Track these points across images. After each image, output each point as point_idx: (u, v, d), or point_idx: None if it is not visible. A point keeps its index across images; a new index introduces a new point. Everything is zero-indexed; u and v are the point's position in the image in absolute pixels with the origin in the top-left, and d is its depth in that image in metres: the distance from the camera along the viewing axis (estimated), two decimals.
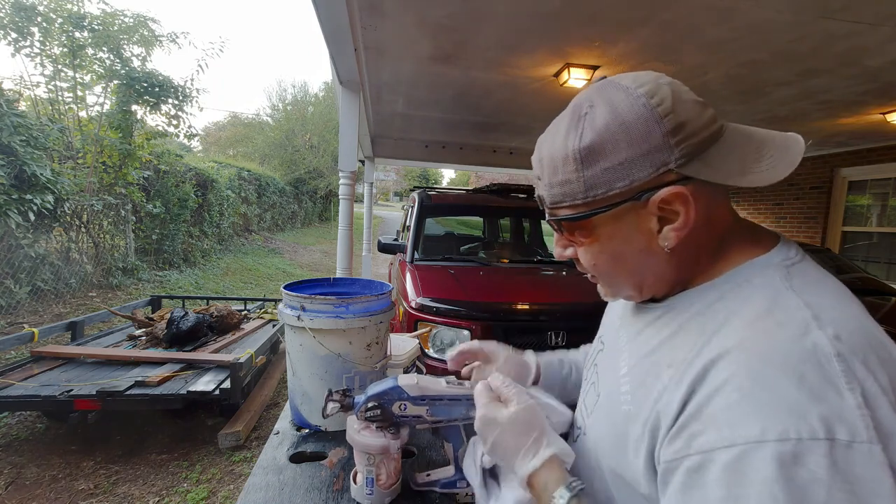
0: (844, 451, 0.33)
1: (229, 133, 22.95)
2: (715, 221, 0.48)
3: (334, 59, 2.56)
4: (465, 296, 2.73)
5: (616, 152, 0.45)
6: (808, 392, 0.35)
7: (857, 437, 0.33)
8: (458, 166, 7.38)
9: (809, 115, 4.19)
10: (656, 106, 0.44)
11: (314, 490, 0.85)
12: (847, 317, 0.40)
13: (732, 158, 0.45)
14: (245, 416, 2.85)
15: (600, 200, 0.47)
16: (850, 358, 0.36)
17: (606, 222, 0.49)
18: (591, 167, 0.46)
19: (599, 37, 2.66)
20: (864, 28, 2.40)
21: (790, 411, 0.34)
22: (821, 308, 0.40)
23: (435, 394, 0.75)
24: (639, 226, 0.48)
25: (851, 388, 0.35)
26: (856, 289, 2.67)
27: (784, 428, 0.34)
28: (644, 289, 0.52)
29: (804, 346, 0.37)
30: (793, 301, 0.41)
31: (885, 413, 0.34)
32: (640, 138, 0.44)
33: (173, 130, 6.47)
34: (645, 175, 0.45)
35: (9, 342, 2.76)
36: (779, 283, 0.44)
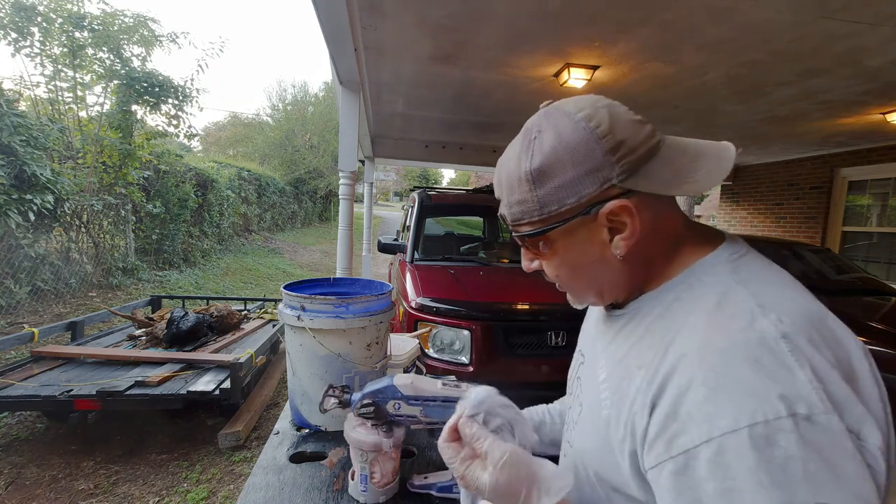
0: (806, 425, 0.36)
1: (229, 133, 22.95)
2: (663, 228, 0.52)
3: (334, 59, 2.57)
4: (465, 296, 2.73)
5: (563, 172, 0.49)
6: (765, 375, 0.38)
7: (815, 409, 0.36)
8: (458, 166, 7.38)
9: (809, 115, 4.19)
10: (595, 128, 0.49)
11: (314, 490, 0.85)
12: (787, 300, 0.44)
13: (670, 170, 0.49)
14: (245, 416, 2.85)
15: (554, 216, 0.52)
16: (795, 337, 0.39)
17: (562, 236, 0.53)
18: (542, 186, 0.51)
19: (599, 37, 2.66)
20: (864, 28, 2.40)
21: (754, 396, 0.37)
22: (764, 295, 0.44)
23: (429, 395, 0.75)
24: (592, 237, 0.52)
25: (801, 364, 0.38)
26: (856, 289, 2.70)
27: (752, 412, 0.37)
28: (605, 295, 0.57)
29: (754, 334, 0.40)
30: (740, 293, 0.45)
31: (835, 385, 0.38)
32: (583, 158, 0.49)
33: (173, 130, 6.47)
34: (592, 191, 0.49)
35: (9, 342, 2.76)
36: (727, 277, 0.48)
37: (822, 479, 0.35)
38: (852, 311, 3.46)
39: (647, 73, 3.24)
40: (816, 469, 0.35)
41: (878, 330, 3.10)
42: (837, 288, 4.05)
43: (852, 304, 3.64)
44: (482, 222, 5.11)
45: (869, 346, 3.19)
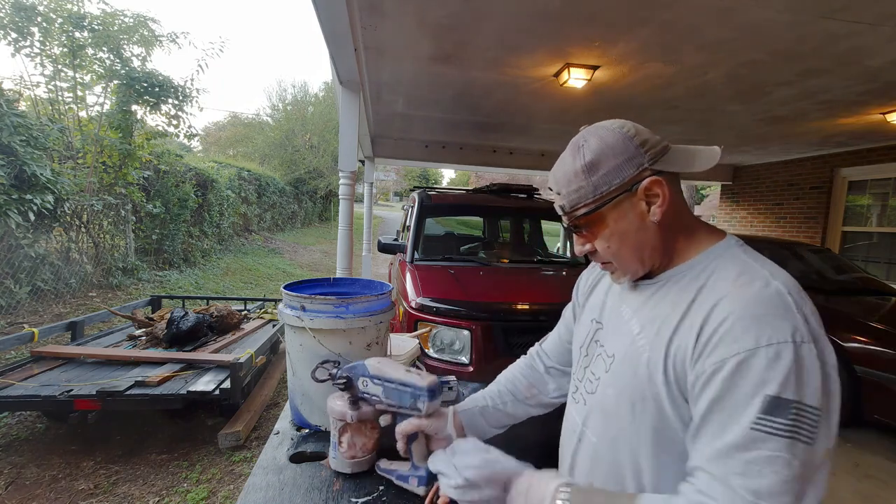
0: (800, 347, 0.54)
1: (229, 133, 22.94)
2: (682, 206, 0.71)
3: (334, 59, 2.57)
4: (465, 296, 2.73)
5: (608, 161, 0.68)
6: (778, 315, 0.56)
7: (804, 339, 0.55)
8: (458, 166, 7.38)
9: (809, 115, 4.19)
10: (627, 132, 0.69)
11: (314, 490, 0.85)
12: (783, 274, 0.62)
13: (680, 158, 0.70)
14: (245, 416, 2.85)
15: (605, 195, 0.69)
16: (795, 295, 0.59)
17: (611, 211, 0.70)
18: (595, 174, 0.69)
19: (599, 37, 2.66)
20: (864, 28, 2.40)
21: (770, 326, 0.56)
22: (770, 270, 0.63)
23: (389, 377, 0.83)
24: (634, 209, 0.69)
25: (799, 310, 0.57)
26: (856, 289, 2.69)
27: (768, 337, 0.55)
28: (645, 260, 0.71)
29: (770, 291, 0.59)
30: (755, 266, 0.64)
31: (814, 325, 0.57)
32: (622, 151, 0.68)
33: (173, 130, 6.46)
34: (631, 172, 0.68)
35: (9, 342, 2.76)
36: (742, 256, 0.67)
37: (794, 381, 0.53)
38: (852, 310, 3.46)
39: (647, 73, 3.24)
40: (798, 375, 0.53)
41: (879, 330, 3.11)
42: (837, 288, 4.05)
43: (852, 304, 3.64)
44: (482, 222, 5.11)
45: (869, 346, 3.19)
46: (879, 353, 2.99)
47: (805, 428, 0.52)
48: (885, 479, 2.66)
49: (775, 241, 5.19)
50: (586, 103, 4.10)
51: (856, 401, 3.10)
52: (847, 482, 2.62)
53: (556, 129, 5.30)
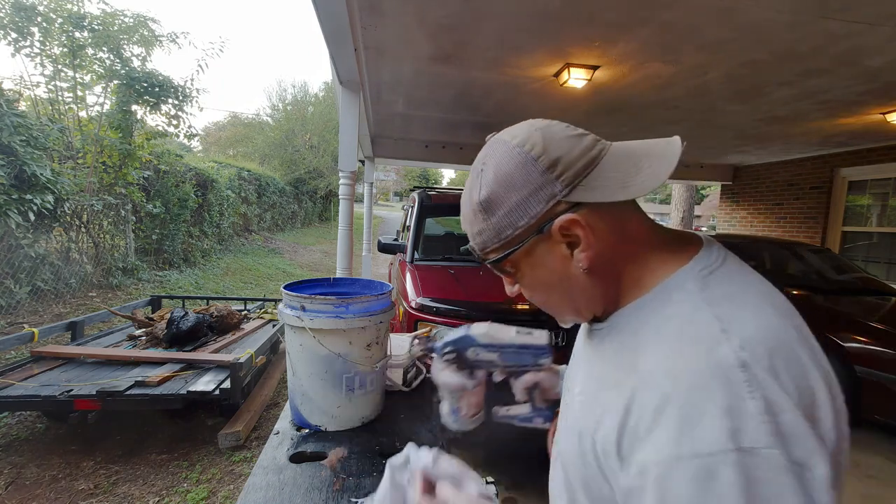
0: (750, 458, 0.36)
1: (229, 133, 22.94)
2: (624, 237, 0.52)
3: (334, 59, 2.57)
4: (465, 296, 2.73)
5: (508, 197, 0.51)
6: (716, 406, 0.38)
7: (759, 443, 0.36)
8: (458, 166, 7.37)
9: (809, 115, 4.19)
10: (529, 151, 0.50)
11: (314, 490, 0.85)
12: (755, 324, 0.42)
13: (613, 176, 0.49)
14: (245, 416, 2.85)
15: (512, 240, 0.53)
16: (754, 366, 0.39)
17: (524, 257, 0.54)
18: (494, 214, 0.52)
19: (599, 37, 2.66)
20: (864, 28, 2.40)
21: (701, 426, 0.38)
22: (730, 320, 0.43)
23: (503, 342, 0.84)
24: (552, 254, 0.53)
25: (753, 396, 0.38)
26: (856, 289, 2.70)
27: (698, 443, 0.38)
28: (581, 311, 0.57)
29: (712, 362, 0.40)
30: (705, 316, 0.44)
31: (787, 417, 0.37)
32: (523, 181, 0.50)
33: (173, 130, 6.46)
34: (540, 210, 0.50)
35: (9, 342, 2.76)
36: (696, 295, 0.46)
37: None
38: (852, 310, 3.46)
39: (647, 73, 3.24)
40: (740, 498, 0.36)
41: (879, 330, 3.11)
42: (837, 288, 4.05)
43: (852, 304, 3.64)
44: None
45: (869, 346, 3.19)
46: (879, 353, 2.99)
47: None
48: (885, 479, 2.66)
49: (775, 241, 5.19)
50: (586, 103, 4.10)
51: (856, 401, 3.10)
52: (847, 482, 2.61)
53: None
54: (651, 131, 5.06)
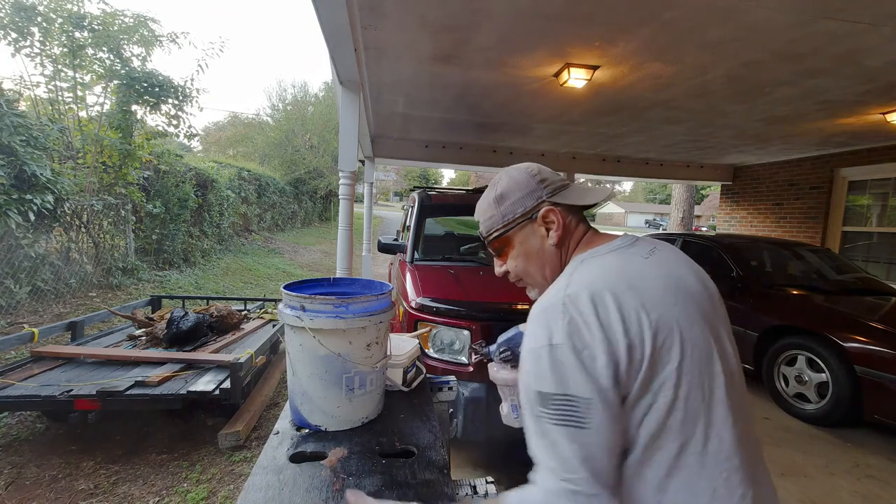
0: (556, 349, 0.64)
1: (229, 133, 22.94)
2: (574, 230, 0.84)
3: (334, 59, 2.56)
4: (464, 296, 2.73)
5: (513, 194, 0.85)
6: (544, 321, 0.68)
7: (562, 340, 0.64)
8: (458, 166, 7.38)
9: (809, 115, 4.19)
10: (531, 171, 0.86)
11: (314, 490, 0.85)
12: (584, 281, 0.70)
13: (574, 193, 0.85)
14: (245, 416, 2.85)
15: (511, 222, 0.86)
16: (568, 304, 0.67)
17: (517, 234, 0.86)
18: (502, 204, 0.86)
19: (599, 37, 2.66)
20: (864, 28, 2.40)
21: (534, 333, 0.68)
22: (573, 280, 0.71)
23: None
24: (535, 233, 0.85)
25: (564, 316, 0.66)
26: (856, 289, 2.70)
27: (532, 342, 0.68)
28: (547, 277, 0.84)
29: (551, 301, 0.69)
30: (563, 280, 0.73)
31: (582, 331, 0.64)
32: (524, 185, 0.85)
33: (173, 130, 6.46)
34: (531, 203, 0.84)
35: (9, 342, 2.76)
36: (568, 270, 0.76)
37: (553, 377, 0.64)
38: (852, 310, 3.46)
39: (647, 73, 3.24)
40: (554, 370, 0.64)
41: (879, 330, 3.11)
42: (837, 288, 4.05)
43: (852, 304, 3.64)
44: None
45: (869, 346, 3.20)
46: (879, 353, 3.00)
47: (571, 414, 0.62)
48: (886, 479, 2.66)
49: (775, 241, 5.19)
50: (586, 103, 4.10)
51: (856, 401, 3.10)
52: (847, 482, 2.62)
53: (556, 129, 5.30)
54: (651, 131, 5.06)
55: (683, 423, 0.64)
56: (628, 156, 6.89)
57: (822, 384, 3.32)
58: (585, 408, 0.62)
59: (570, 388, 0.62)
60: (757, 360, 3.89)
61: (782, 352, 3.64)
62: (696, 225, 30.73)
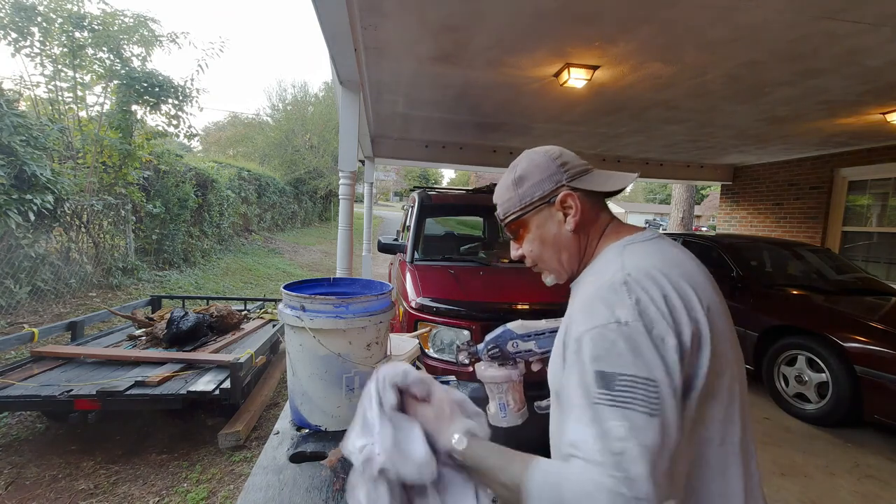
0: (625, 327, 0.61)
1: (229, 133, 22.94)
2: (596, 216, 0.81)
3: (334, 59, 2.56)
4: (464, 296, 2.73)
5: (532, 177, 0.81)
6: (606, 302, 0.64)
7: (631, 319, 0.61)
8: (458, 166, 7.37)
9: (809, 115, 4.19)
10: (551, 154, 0.82)
11: (314, 490, 0.85)
12: (640, 264, 0.68)
13: (596, 179, 0.81)
14: (245, 416, 2.85)
15: (529, 205, 0.82)
16: (632, 284, 0.65)
17: (534, 218, 0.83)
18: (521, 187, 0.82)
19: (599, 37, 2.66)
20: (864, 28, 2.40)
21: (598, 313, 0.64)
22: (627, 263, 0.69)
23: (538, 330, 0.98)
24: (552, 218, 0.81)
25: (630, 296, 0.63)
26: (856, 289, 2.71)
27: (594, 320, 0.63)
28: (564, 263, 0.82)
29: (611, 281, 0.66)
30: (616, 263, 0.71)
31: (651, 308, 0.62)
32: (544, 168, 0.81)
33: (173, 130, 6.46)
34: (550, 187, 0.80)
35: (9, 342, 2.76)
36: (615, 255, 0.73)
37: (620, 357, 0.59)
38: (852, 310, 3.46)
39: (647, 73, 3.24)
40: (624, 347, 0.59)
41: (879, 330, 3.11)
42: (837, 288, 4.05)
43: (852, 304, 3.64)
44: (482, 222, 5.10)
45: (869, 346, 3.20)
46: (879, 353, 3.00)
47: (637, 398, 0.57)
48: (886, 479, 2.66)
49: (775, 241, 5.19)
50: (586, 103, 4.10)
51: (856, 401, 3.10)
52: (847, 482, 2.62)
53: (556, 128, 5.30)
54: (651, 131, 5.06)
55: (727, 415, 0.64)
56: (628, 156, 6.88)
57: (822, 384, 3.32)
58: (655, 392, 0.56)
59: (642, 368, 0.57)
60: (757, 360, 3.89)
61: (782, 352, 3.64)
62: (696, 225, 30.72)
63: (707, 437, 0.64)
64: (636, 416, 0.55)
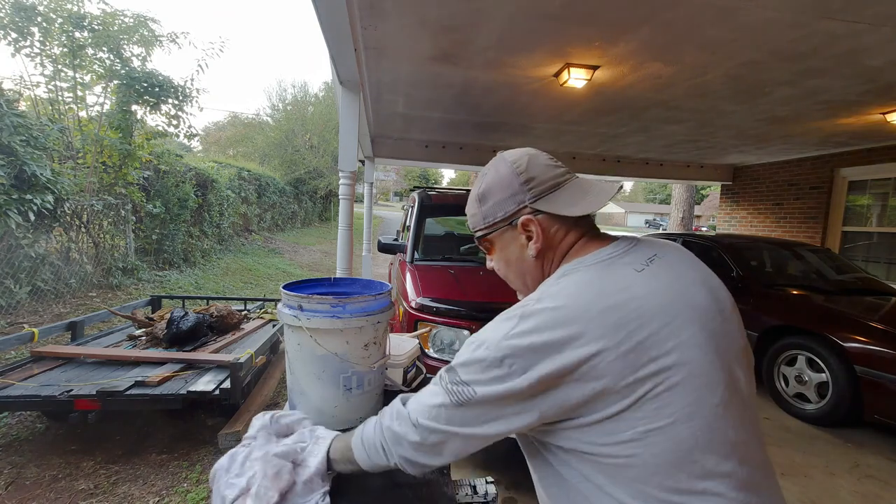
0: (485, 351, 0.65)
1: (229, 133, 22.96)
2: (559, 243, 0.74)
3: (334, 59, 2.56)
4: (464, 296, 2.73)
5: (495, 194, 0.76)
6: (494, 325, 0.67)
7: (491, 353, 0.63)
8: (458, 166, 7.37)
9: (809, 115, 4.18)
10: (516, 168, 0.75)
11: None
12: (553, 297, 0.63)
13: (565, 199, 0.73)
14: (245, 416, 2.84)
15: (491, 225, 0.78)
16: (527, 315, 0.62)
17: (498, 239, 0.80)
18: (484, 204, 0.78)
19: (599, 37, 2.66)
20: (864, 28, 2.40)
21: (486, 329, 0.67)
22: (546, 292, 0.65)
23: None
24: (515, 241, 0.77)
25: (511, 324, 0.63)
26: (856, 289, 2.71)
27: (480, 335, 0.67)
28: (529, 286, 0.79)
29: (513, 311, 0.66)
30: (539, 290, 0.68)
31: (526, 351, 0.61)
32: (506, 186, 0.75)
33: (173, 130, 6.46)
34: (512, 208, 0.75)
35: (9, 342, 2.76)
36: (551, 281, 0.70)
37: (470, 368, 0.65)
38: (852, 310, 3.46)
39: (647, 73, 3.24)
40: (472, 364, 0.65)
41: (879, 330, 3.10)
42: (837, 288, 4.05)
43: (852, 304, 3.64)
44: None
45: (869, 346, 3.20)
46: (879, 353, 2.99)
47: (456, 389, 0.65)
48: (886, 479, 2.66)
49: (775, 241, 5.19)
50: (586, 103, 4.10)
51: (856, 401, 3.10)
52: (847, 482, 2.62)
53: (556, 128, 5.30)
54: (651, 131, 5.06)
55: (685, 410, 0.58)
56: (628, 156, 6.88)
57: (822, 384, 3.32)
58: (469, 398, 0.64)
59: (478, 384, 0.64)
60: (757, 360, 3.89)
61: (782, 352, 3.64)
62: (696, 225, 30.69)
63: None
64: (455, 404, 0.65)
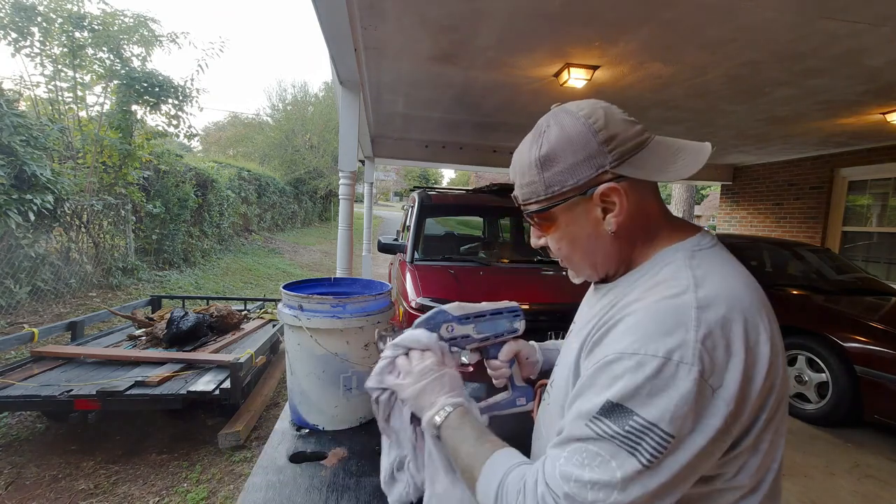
0: (671, 365, 0.47)
1: (229, 133, 22.94)
2: (646, 213, 0.62)
3: (334, 59, 2.56)
4: (464, 296, 2.73)
5: (565, 158, 0.60)
6: (662, 327, 0.50)
7: (685, 360, 0.47)
8: (458, 166, 7.38)
9: (809, 115, 4.18)
10: (592, 123, 0.59)
11: (314, 490, 0.85)
12: (721, 287, 0.53)
13: (654, 161, 0.59)
14: (245, 416, 2.85)
15: (557, 196, 0.62)
16: (708, 312, 0.50)
17: (564, 213, 0.63)
18: (548, 170, 0.61)
19: (599, 37, 2.66)
20: (864, 28, 2.40)
21: (647, 335, 0.50)
22: (703, 279, 0.53)
23: (477, 311, 0.82)
24: (588, 215, 0.62)
25: (697, 329, 0.48)
26: (856, 289, 2.71)
27: (635, 348, 0.50)
28: (598, 267, 0.66)
29: (675, 301, 0.51)
30: (685, 273, 0.55)
31: (719, 352, 0.48)
32: (581, 147, 0.59)
33: (173, 130, 6.47)
34: (588, 174, 0.59)
35: (9, 342, 2.76)
36: (683, 262, 0.57)
37: (653, 401, 0.47)
38: (852, 310, 3.46)
39: (647, 73, 3.24)
40: (650, 388, 0.47)
41: (879, 330, 3.11)
42: (837, 288, 4.05)
43: (852, 304, 3.64)
44: (482, 222, 5.10)
45: (869, 346, 3.20)
46: (879, 353, 2.99)
47: (642, 447, 0.46)
48: (886, 479, 2.66)
49: (775, 241, 5.19)
50: None
51: (856, 401, 3.10)
52: (847, 482, 2.62)
53: None
54: (651, 131, 5.04)
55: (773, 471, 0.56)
56: None
57: (822, 384, 3.32)
58: (661, 446, 0.46)
59: (665, 419, 0.46)
60: None
61: None
62: None
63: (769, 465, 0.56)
64: (631, 461, 0.47)
